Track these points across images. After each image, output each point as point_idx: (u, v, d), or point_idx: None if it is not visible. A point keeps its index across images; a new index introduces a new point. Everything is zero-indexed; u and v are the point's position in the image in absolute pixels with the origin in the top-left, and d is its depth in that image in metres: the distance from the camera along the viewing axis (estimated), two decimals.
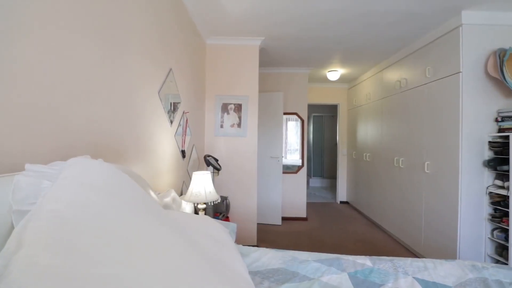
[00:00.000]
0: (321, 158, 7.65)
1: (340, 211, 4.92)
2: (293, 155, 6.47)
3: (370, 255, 1.67)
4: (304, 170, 4.43)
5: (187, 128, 2.36)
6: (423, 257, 2.82)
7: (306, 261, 1.44)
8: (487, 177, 2.37)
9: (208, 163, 2.44)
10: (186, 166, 2.38)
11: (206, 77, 3.10)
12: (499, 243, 2.30)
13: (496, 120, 2.36)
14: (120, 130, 1.34)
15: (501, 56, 2.26)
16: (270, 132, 4.06)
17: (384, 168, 3.79)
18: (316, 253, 1.53)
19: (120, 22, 1.31)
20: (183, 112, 2.27)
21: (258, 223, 3.52)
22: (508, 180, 2.16)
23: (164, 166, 1.91)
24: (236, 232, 1.67)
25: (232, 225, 1.51)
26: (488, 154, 2.35)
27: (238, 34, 2.96)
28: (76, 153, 0.98)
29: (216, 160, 2.67)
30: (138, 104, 1.52)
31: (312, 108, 7.02)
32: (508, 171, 2.15)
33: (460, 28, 2.39)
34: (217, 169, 2.48)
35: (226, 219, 2.65)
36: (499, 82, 2.33)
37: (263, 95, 4.03)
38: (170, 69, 1.99)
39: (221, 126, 3.08)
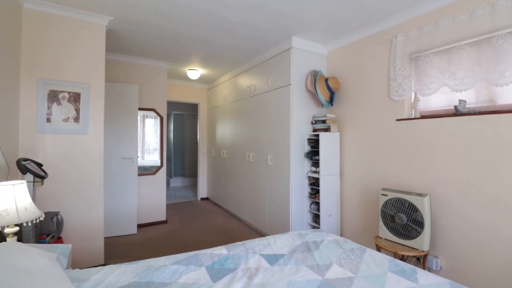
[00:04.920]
0: (183, 157, 7.56)
1: (200, 207, 5.04)
2: (152, 155, 5.95)
3: (227, 243, 1.79)
4: (163, 170, 4.19)
5: None
6: (267, 235, 3.37)
7: (163, 266, 1.34)
8: (307, 165, 3.15)
9: (25, 170, 1.79)
10: None
11: (23, 52, 2.26)
12: (314, 213, 3.13)
13: (312, 123, 3.18)
14: None
15: (314, 76, 3.06)
16: (122, 129, 3.53)
17: (238, 163, 4.23)
18: (173, 255, 1.46)
19: None
20: None
21: (106, 237, 2.99)
22: (319, 166, 2.97)
23: None
24: (70, 255, 1.31)
25: (62, 247, 1.17)
26: (307, 148, 3.13)
27: (75, 4, 2.35)
28: None
29: (40, 165, 2.01)
30: None
31: (173, 105, 6.78)
32: (318, 160, 2.95)
33: (291, 49, 3.03)
34: (40, 176, 1.86)
35: (58, 240, 2.06)
36: (314, 95, 3.15)
37: (113, 85, 3.45)
38: None
39: (48, 120, 2.34)
